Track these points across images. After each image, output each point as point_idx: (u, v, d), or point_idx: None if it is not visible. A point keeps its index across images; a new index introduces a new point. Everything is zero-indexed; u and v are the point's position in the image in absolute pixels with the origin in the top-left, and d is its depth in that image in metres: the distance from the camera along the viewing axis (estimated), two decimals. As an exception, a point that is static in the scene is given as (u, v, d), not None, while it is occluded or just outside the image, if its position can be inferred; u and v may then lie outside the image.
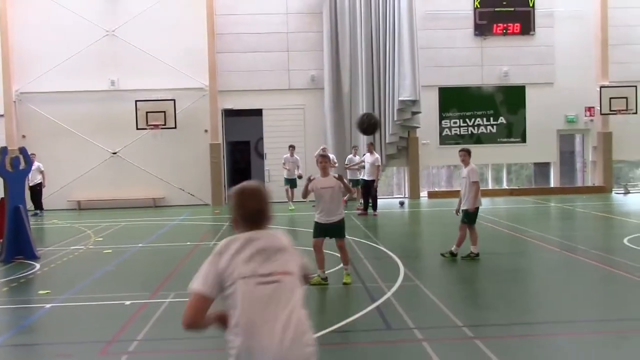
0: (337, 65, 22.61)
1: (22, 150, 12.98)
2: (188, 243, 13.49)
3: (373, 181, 17.83)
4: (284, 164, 20.24)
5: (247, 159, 27.55)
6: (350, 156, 19.54)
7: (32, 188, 20.14)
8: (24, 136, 21.91)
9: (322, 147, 19.82)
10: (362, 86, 22.48)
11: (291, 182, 19.89)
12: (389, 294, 8.36)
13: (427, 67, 22.54)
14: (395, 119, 22.10)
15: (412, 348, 6.37)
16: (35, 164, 19.87)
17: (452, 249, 10.73)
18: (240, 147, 27.25)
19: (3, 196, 12.63)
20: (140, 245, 13.40)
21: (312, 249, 9.09)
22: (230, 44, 22.56)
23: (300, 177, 18.75)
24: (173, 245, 13.35)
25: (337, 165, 20.28)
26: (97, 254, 12.50)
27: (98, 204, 22.14)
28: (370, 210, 17.84)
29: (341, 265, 10.37)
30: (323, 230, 9.04)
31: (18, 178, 12.40)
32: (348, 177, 19.10)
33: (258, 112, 23.05)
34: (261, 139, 23.68)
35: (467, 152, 10.68)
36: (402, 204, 20.81)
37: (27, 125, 22.22)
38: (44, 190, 20.79)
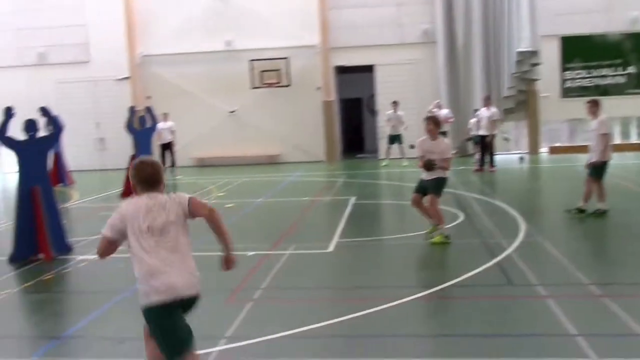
0: (450, 18, 21.92)
1: (149, 110, 13.70)
2: (305, 198, 13.79)
3: (490, 136, 17.33)
4: (387, 120, 20.22)
5: (359, 116, 27.54)
6: (481, 111, 18.13)
7: (165, 145, 21.21)
8: (149, 97, 23.04)
9: (436, 102, 19.47)
10: (477, 38, 21.69)
11: (395, 138, 19.87)
12: (509, 250, 8.17)
13: (547, 15, 21.30)
14: (513, 71, 21.21)
15: (535, 304, 6.22)
16: (168, 124, 20.92)
17: (580, 205, 10.25)
18: (352, 104, 27.24)
19: (133, 153, 13.45)
20: (260, 200, 13.86)
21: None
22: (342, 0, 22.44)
23: (412, 147, 18.32)
24: (291, 201, 13.70)
25: (452, 120, 19.86)
26: (219, 207, 12.94)
27: (218, 161, 23.05)
28: (486, 166, 17.39)
29: (458, 221, 10.28)
30: (421, 187, 8.95)
31: (145, 136, 13.14)
32: (472, 133, 18.59)
33: (370, 69, 22.90)
34: (373, 95, 23.57)
35: (596, 103, 10.12)
36: (522, 159, 20.07)
37: (151, 86, 23.35)
38: (174, 149, 21.80)
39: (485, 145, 17.43)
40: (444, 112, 19.47)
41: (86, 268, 8.38)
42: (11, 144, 8.80)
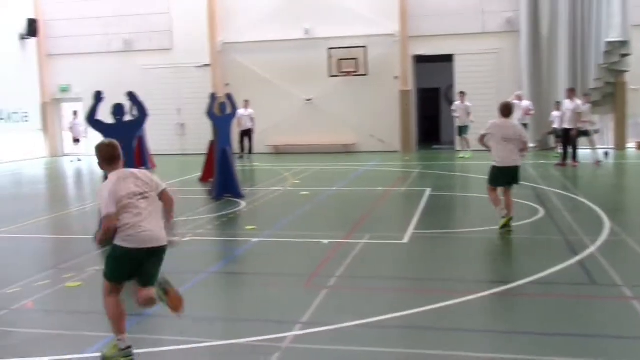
0: (535, 6, 21.23)
1: (229, 96, 13.94)
2: (379, 188, 13.74)
3: (573, 130, 16.70)
4: (454, 111, 19.97)
5: (436, 106, 27.15)
6: (565, 103, 17.72)
7: (244, 132, 21.64)
8: (227, 84, 23.50)
9: (516, 93, 18.97)
10: (562, 27, 20.91)
11: (462, 129, 19.67)
12: (592, 248, 7.87)
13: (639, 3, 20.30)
14: (600, 62, 20.34)
15: (620, 306, 5.97)
16: (249, 111, 21.36)
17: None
18: (430, 94, 26.87)
19: (213, 139, 13.75)
20: (334, 188, 13.91)
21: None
22: (423, -13, 22.13)
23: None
24: (365, 190, 13.68)
25: (533, 112, 19.31)
26: (295, 195, 13.22)
27: (293, 149, 23.29)
28: (569, 161, 16.80)
29: (538, 216, 10.02)
30: None
31: (225, 122, 13.37)
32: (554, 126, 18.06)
33: (449, 58, 22.49)
34: (451, 85, 23.16)
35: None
36: (606, 154, 19.28)
37: (230, 73, 23.80)
38: (253, 136, 22.21)
39: (568, 139, 16.83)
40: (525, 103, 18.98)
41: (167, 248, 8.65)
42: (100, 127, 9.15)
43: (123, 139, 9.21)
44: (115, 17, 24.38)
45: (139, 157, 18.29)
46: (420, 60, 23.04)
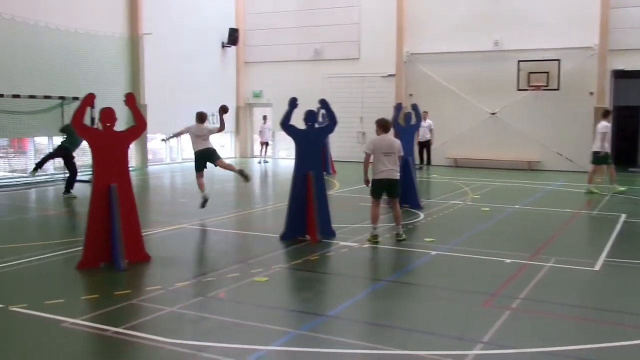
0: None
1: (414, 107, 13.98)
2: (567, 210, 12.97)
3: None
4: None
5: (634, 126, 25.05)
6: None
7: (422, 143, 21.67)
8: (410, 94, 23.57)
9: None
10: None
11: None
12: None
13: None
14: None
15: None
16: (427, 122, 21.41)
17: None
18: (628, 112, 24.85)
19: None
20: (516, 206, 13.37)
21: None
22: (627, -3, 20.57)
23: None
24: (550, 211, 12.99)
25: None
26: (475, 210, 12.90)
27: (473, 163, 22.76)
28: None
29: None
30: None
31: (409, 132, 13.43)
32: None
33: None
34: (655, 103, 21.25)
35: None
36: None
37: (414, 84, 23.84)
38: (432, 147, 22.13)
39: None
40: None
41: (347, 254, 8.87)
42: (293, 132, 9.63)
43: (313, 144, 9.68)
44: (308, 27, 25.53)
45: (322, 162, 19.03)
46: (620, 75, 21.41)
